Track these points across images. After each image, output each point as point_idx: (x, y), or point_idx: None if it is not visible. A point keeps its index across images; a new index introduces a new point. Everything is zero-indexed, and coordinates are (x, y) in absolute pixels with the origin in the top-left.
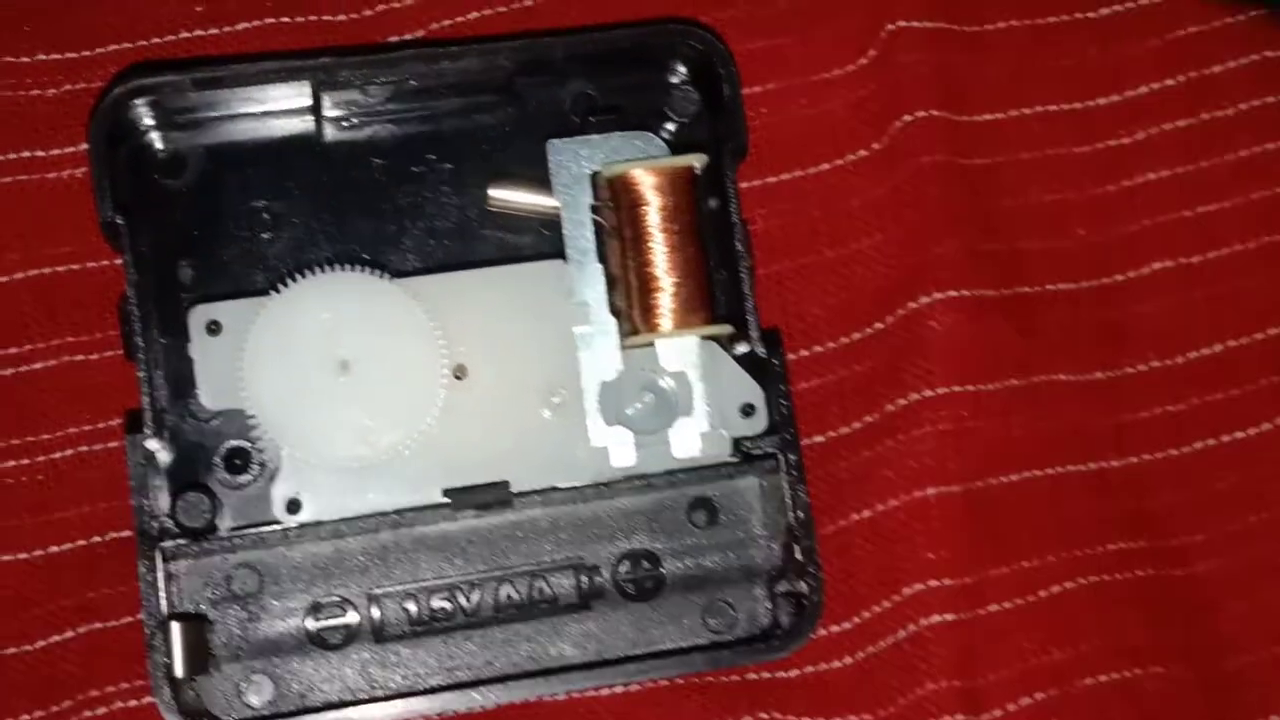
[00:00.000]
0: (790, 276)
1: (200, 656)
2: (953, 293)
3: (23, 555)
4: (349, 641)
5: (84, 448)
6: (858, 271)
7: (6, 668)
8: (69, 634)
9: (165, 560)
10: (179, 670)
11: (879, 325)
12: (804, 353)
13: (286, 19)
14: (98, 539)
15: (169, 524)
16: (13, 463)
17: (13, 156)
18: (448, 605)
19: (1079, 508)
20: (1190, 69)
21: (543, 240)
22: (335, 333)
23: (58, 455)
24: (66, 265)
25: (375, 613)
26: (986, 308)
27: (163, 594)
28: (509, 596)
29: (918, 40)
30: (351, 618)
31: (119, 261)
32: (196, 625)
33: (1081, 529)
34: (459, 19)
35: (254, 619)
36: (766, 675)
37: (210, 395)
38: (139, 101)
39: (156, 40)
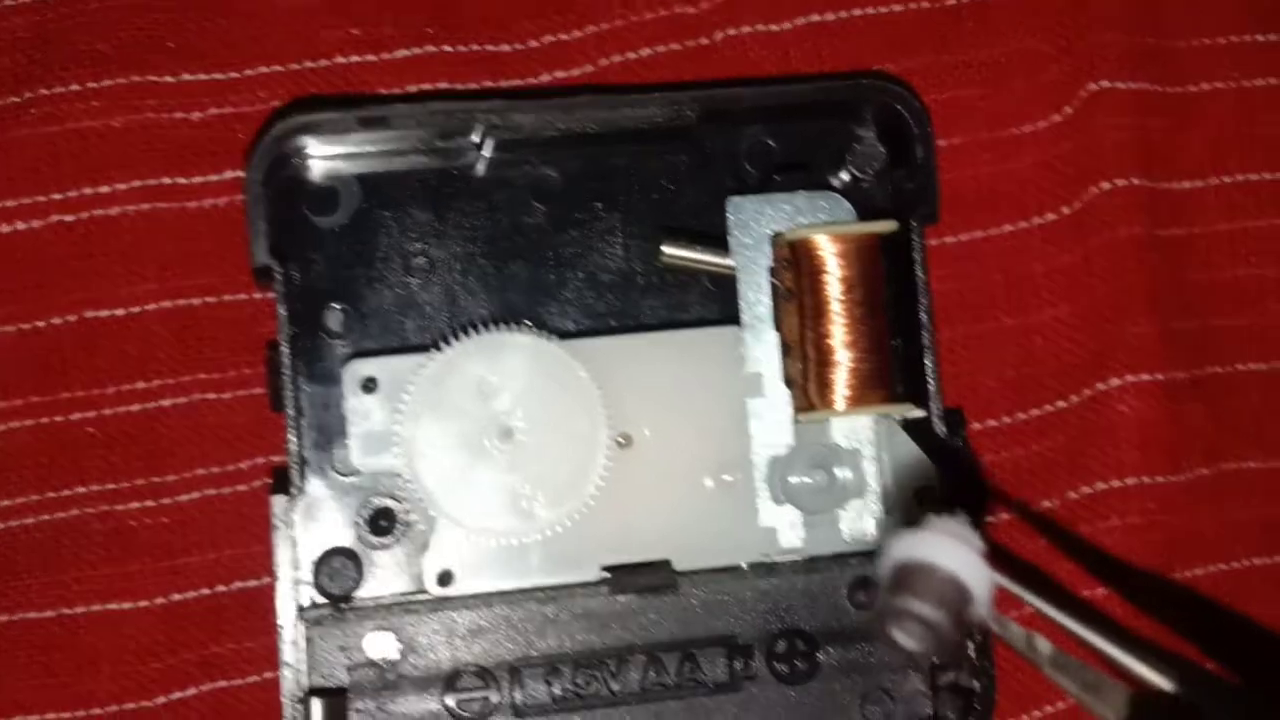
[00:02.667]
0: (964, 344)
1: None
2: (1145, 376)
3: (144, 603)
4: (488, 715)
5: (212, 491)
6: (1039, 344)
7: None
8: (192, 691)
9: (307, 628)
10: None
11: (1061, 404)
12: (975, 425)
13: (448, 48)
14: (223, 588)
15: (311, 590)
16: (137, 504)
17: (153, 183)
18: (592, 681)
19: (1265, 602)
20: None
21: (710, 301)
22: (498, 396)
23: (184, 498)
24: (203, 298)
25: (516, 688)
26: (1178, 392)
27: (304, 666)
28: (657, 674)
29: (1119, 101)
30: (491, 692)
31: (258, 296)
32: (337, 700)
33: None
34: (630, 55)
35: (390, 688)
36: None
37: (361, 455)
38: (297, 137)
39: (309, 64)
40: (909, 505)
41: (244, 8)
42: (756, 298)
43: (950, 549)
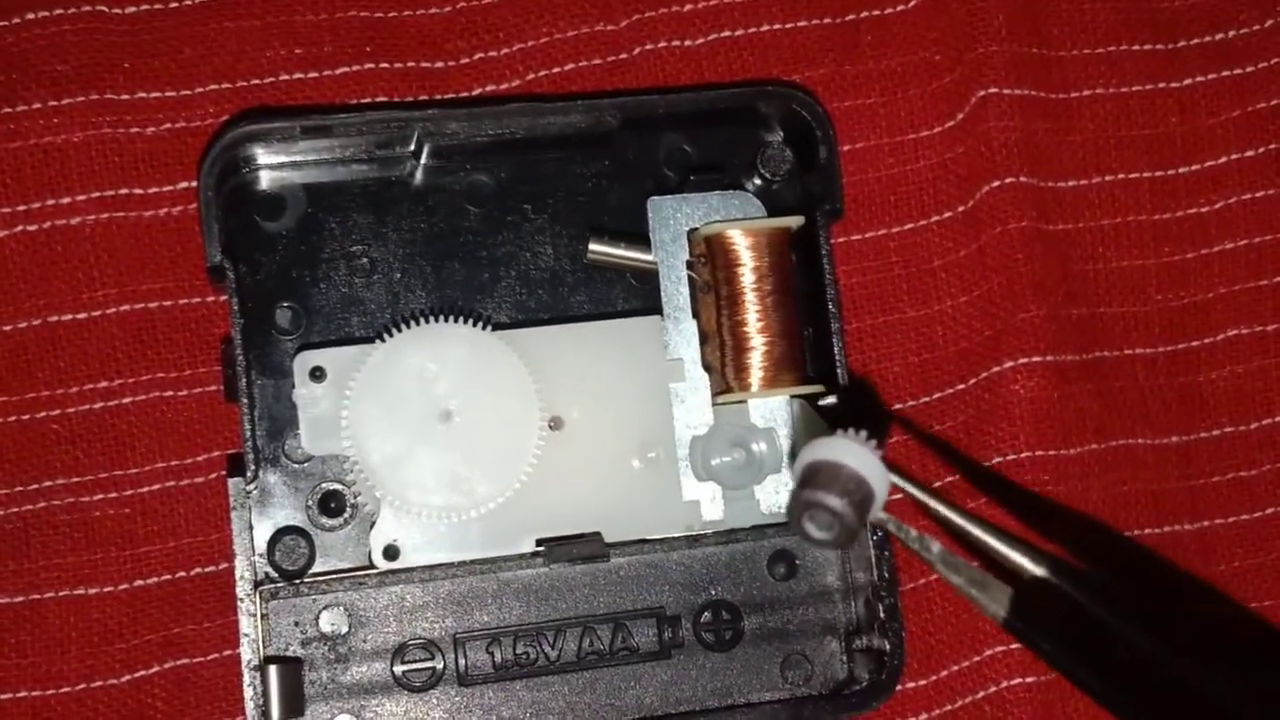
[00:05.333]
0: (871, 333)
1: (295, 698)
2: (1036, 358)
3: (109, 589)
4: (434, 684)
5: (171, 483)
6: (939, 331)
7: (94, 701)
8: (155, 669)
9: (263, 602)
10: (275, 713)
11: (960, 386)
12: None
13: (385, 64)
14: (183, 574)
15: (266, 566)
16: (100, 496)
17: (110, 194)
18: (531, 651)
19: (1150, 573)
20: (1270, 141)
21: (633, 294)
22: (437, 383)
23: (145, 490)
24: (159, 301)
25: (460, 657)
26: (1068, 373)
27: (261, 637)
28: (592, 643)
29: (1006, 106)
30: (437, 661)
31: (211, 299)
32: (292, 668)
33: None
34: (555, 70)
35: (342, 660)
36: None
37: (311, 440)
38: (246, 146)
39: (256, 81)
40: None
41: (194, 30)
42: (676, 290)
43: (854, 452)
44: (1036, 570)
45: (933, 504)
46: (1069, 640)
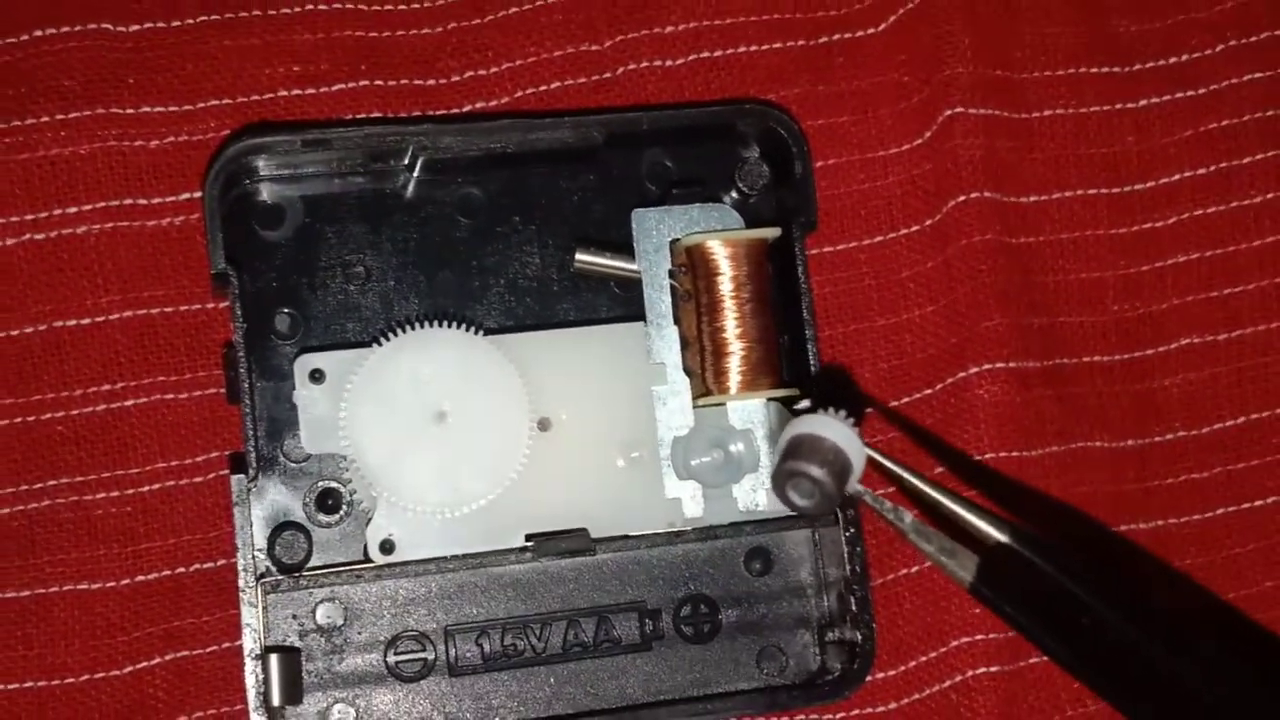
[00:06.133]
0: (843, 341)
1: (294, 686)
2: (1000, 364)
3: (111, 584)
4: (425, 674)
5: (171, 483)
6: (907, 339)
7: (97, 692)
8: (156, 660)
9: (263, 594)
10: (275, 699)
11: (928, 391)
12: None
13: (379, 81)
14: (182, 570)
15: (266, 560)
16: (103, 495)
17: (115, 204)
18: (519, 642)
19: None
20: (1221, 159)
21: (616, 301)
22: (432, 385)
23: (146, 489)
24: (160, 308)
25: (451, 648)
26: (1030, 379)
27: (262, 627)
28: (576, 635)
29: (971, 126)
30: (428, 652)
31: (210, 306)
32: (291, 657)
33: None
34: (542, 88)
35: (338, 651)
36: (815, 718)
37: (310, 440)
38: (249, 158)
39: (255, 97)
40: None
41: (195, 48)
42: (659, 297)
43: (833, 426)
44: (1001, 538)
45: (905, 475)
46: (1032, 606)
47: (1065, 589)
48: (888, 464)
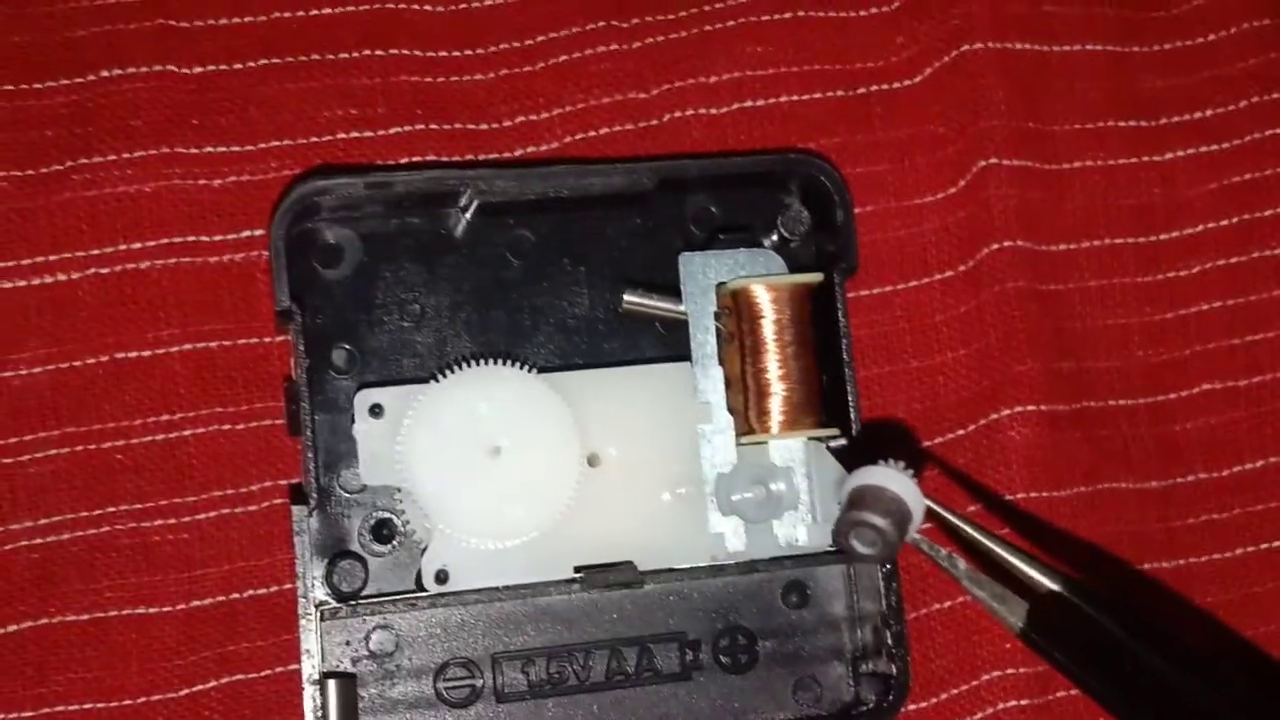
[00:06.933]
0: (878, 382)
1: (350, 712)
2: (1030, 407)
3: (168, 609)
4: (473, 700)
5: (227, 511)
6: (940, 381)
7: (153, 714)
8: (211, 684)
9: (321, 621)
10: None
11: (960, 432)
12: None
13: (435, 126)
14: (237, 595)
15: (324, 588)
16: (160, 522)
17: (178, 240)
18: (563, 670)
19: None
20: (1244, 211)
21: (661, 342)
22: (487, 421)
23: (203, 517)
24: (220, 341)
25: (498, 675)
26: (1059, 421)
27: (320, 653)
28: (619, 665)
29: (1004, 176)
30: (476, 679)
31: (268, 340)
32: (348, 683)
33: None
34: (590, 133)
35: (389, 677)
36: None
37: (368, 472)
38: (313, 199)
39: (314, 139)
40: (835, 516)
41: (257, 91)
42: (704, 338)
43: (894, 478)
44: (1051, 586)
45: (960, 524)
46: (1079, 651)
47: (1111, 635)
48: (944, 513)
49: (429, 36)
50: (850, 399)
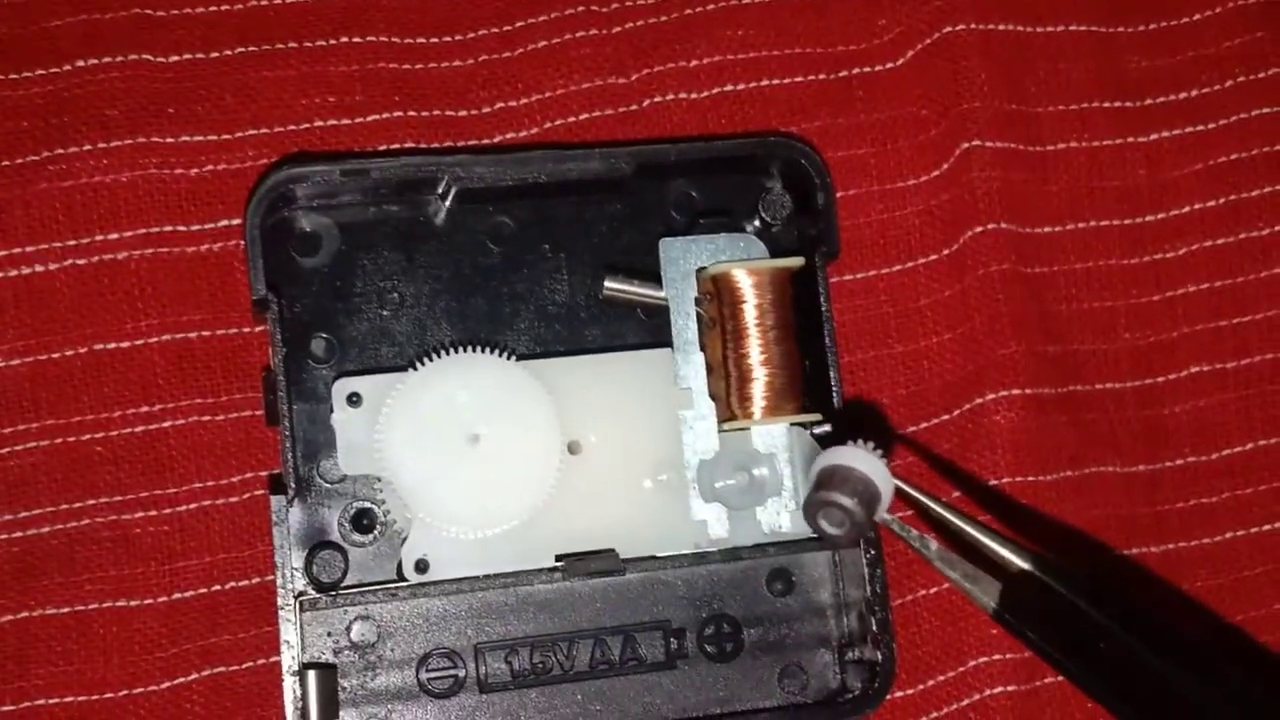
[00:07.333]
0: (862, 367)
1: (331, 703)
2: (1016, 391)
3: (149, 601)
4: (456, 691)
5: (207, 502)
6: (925, 366)
7: (136, 706)
8: (194, 676)
9: (301, 612)
10: (313, 716)
11: (945, 416)
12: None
13: (412, 112)
14: (218, 588)
15: (304, 578)
16: (141, 514)
17: (154, 230)
18: (547, 660)
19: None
20: (1230, 192)
21: (642, 328)
22: (466, 409)
23: (183, 509)
24: (198, 332)
25: (480, 665)
26: (1045, 405)
27: (300, 644)
28: (603, 654)
29: (988, 158)
30: (459, 669)
31: (246, 330)
32: (328, 674)
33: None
34: (570, 119)
35: (371, 668)
36: None
37: (347, 461)
38: (289, 187)
39: (291, 127)
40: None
41: (233, 79)
42: (685, 324)
43: (863, 458)
44: (1023, 565)
45: (930, 505)
46: (1052, 630)
47: (1084, 614)
48: (914, 494)
49: (407, 22)
50: (833, 384)
